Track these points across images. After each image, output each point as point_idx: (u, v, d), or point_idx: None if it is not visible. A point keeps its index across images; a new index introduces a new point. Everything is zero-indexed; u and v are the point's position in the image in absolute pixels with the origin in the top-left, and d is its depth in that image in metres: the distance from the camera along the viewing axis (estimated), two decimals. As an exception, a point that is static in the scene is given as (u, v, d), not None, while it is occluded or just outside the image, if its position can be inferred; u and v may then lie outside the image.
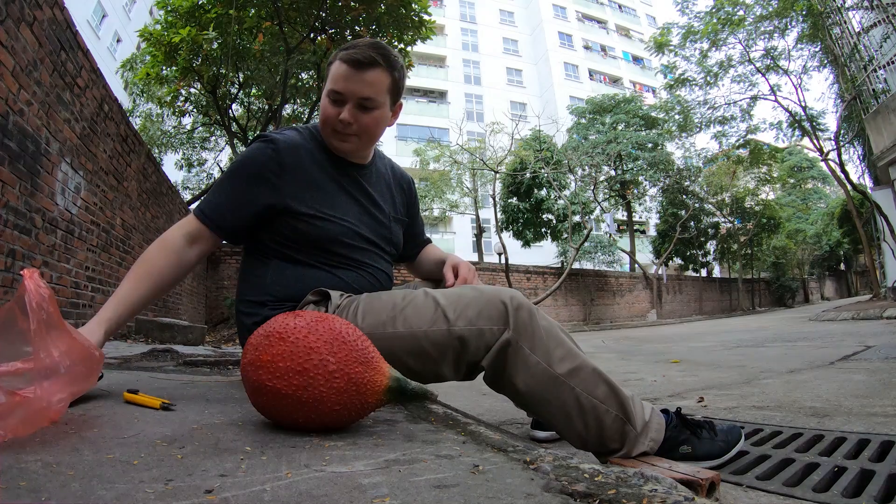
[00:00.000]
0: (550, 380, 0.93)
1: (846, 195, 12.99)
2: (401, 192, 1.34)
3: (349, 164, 1.18)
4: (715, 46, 13.32)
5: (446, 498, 0.50)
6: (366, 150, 1.20)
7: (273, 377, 0.73)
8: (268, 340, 0.76)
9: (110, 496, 0.47)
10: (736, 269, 22.80)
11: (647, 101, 20.92)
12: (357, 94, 1.07)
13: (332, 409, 0.74)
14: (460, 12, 31.56)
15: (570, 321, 14.37)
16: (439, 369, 0.99)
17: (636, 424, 0.92)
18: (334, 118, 1.09)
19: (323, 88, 1.13)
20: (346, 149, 1.14)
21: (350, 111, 1.08)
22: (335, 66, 1.08)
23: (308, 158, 1.12)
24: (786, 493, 0.86)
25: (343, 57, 1.07)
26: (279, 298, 1.10)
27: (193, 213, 1.10)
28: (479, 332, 0.94)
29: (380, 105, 1.11)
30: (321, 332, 0.75)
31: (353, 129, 1.10)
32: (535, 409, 0.97)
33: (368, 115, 1.10)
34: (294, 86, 8.90)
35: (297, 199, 1.09)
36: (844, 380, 2.13)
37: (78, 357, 0.72)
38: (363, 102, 1.08)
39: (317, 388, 0.72)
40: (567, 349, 0.95)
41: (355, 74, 1.06)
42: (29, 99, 2.47)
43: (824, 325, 7.10)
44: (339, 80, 1.07)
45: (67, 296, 3.05)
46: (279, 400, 0.74)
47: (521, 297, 0.97)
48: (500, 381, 0.97)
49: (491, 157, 14.37)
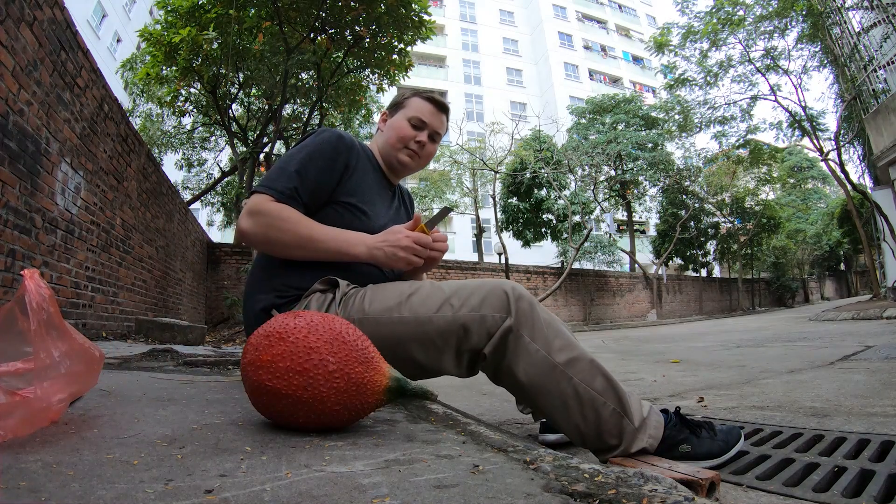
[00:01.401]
0: (550, 368, 0.95)
1: (846, 195, 12.99)
2: (405, 205, 1.53)
3: (388, 180, 1.38)
4: (715, 46, 13.32)
5: (446, 498, 0.50)
6: (412, 173, 1.42)
7: (273, 377, 0.73)
8: (268, 340, 0.76)
9: (110, 496, 0.47)
10: (736, 269, 22.81)
11: (647, 101, 20.92)
12: (434, 129, 1.33)
13: (332, 408, 0.74)
14: (460, 12, 31.56)
15: (570, 321, 14.37)
16: (442, 359, 1.01)
17: (634, 419, 0.93)
18: (412, 138, 1.31)
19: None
20: (408, 164, 1.34)
21: (426, 138, 1.32)
22: (419, 102, 1.32)
23: (364, 159, 1.29)
24: (786, 493, 0.86)
25: (427, 98, 1.33)
26: (290, 286, 1.13)
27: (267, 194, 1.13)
28: (482, 318, 0.98)
29: (439, 141, 1.38)
30: (321, 332, 0.75)
31: (423, 152, 1.33)
32: (535, 399, 0.98)
33: (433, 145, 1.36)
34: (294, 86, 8.90)
35: (354, 194, 1.22)
36: (844, 380, 2.13)
37: (78, 357, 0.72)
38: (434, 136, 1.35)
39: (317, 388, 0.72)
40: (566, 340, 0.98)
41: (436, 113, 1.33)
42: (29, 99, 2.47)
43: (824, 325, 7.10)
44: (425, 113, 1.31)
45: (67, 296, 3.05)
46: (279, 400, 0.74)
47: (521, 289, 1.01)
48: (500, 370, 1.00)
49: (491, 157, 14.37)
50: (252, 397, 0.79)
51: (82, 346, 0.74)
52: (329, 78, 8.25)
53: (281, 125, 9.35)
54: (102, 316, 3.63)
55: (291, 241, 1.09)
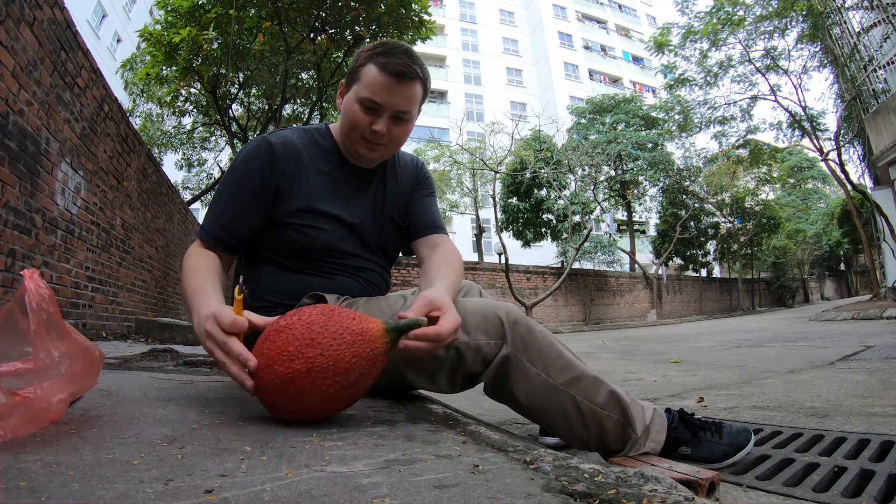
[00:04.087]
0: (551, 390, 0.93)
1: (846, 195, 12.99)
2: (408, 178, 1.25)
3: (353, 168, 1.13)
4: (715, 46, 13.33)
5: (446, 498, 0.50)
6: (380, 161, 1.15)
7: (289, 362, 0.75)
8: (267, 343, 0.78)
9: (110, 496, 0.47)
10: (736, 269, 22.80)
11: (647, 101, 20.93)
12: (395, 108, 1.02)
13: (351, 363, 0.77)
14: (460, 12, 31.57)
15: (570, 321, 14.37)
16: (435, 379, 0.99)
17: (637, 428, 0.93)
18: (366, 127, 1.03)
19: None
20: (372, 157, 1.10)
21: (385, 122, 1.03)
22: (372, 73, 1.00)
23: (305, 162, 1.08)
24: (786, 493, 0.86)
25: (383, 65, 0.99)
26: (273, 303, 1.09)
27: (198, 236, 1.08)
28: (477, 346, 0.93)
29: (413, 117, 1.08)
30: (307, 313, 0.80)
31: (384, 140, 1.05)
32: (537, 418, 0.98)
33: (401, 127, 1.06)
34: (294, 86, 8.91)
35: (290, 208, 1.06)
36: (844, 380, 2.13)
37: (78, 357, 0.72)
38: (399, 115, 1.04)
39: (331, 349, 0.76)
40: (567, 360, 0.95)
41: (395, 87, 1.00)
42: (29, 99, 2.47)
43: (824, 325, 7.10)
44: (377, 90, 1.00)
45: (67, 296, 3.05)
46: (304, 380, 0.76)
47: (516, 312, 0.96)
48: (500, 393, 0.98)
49: (491, 157, 14.37)
50: (277, 401, 0.79)
51: (82, 346, 0.74)
52: (329, 78, 8.26)
53: (281, 125, 9.34)
54: (102, 316, 3.63)
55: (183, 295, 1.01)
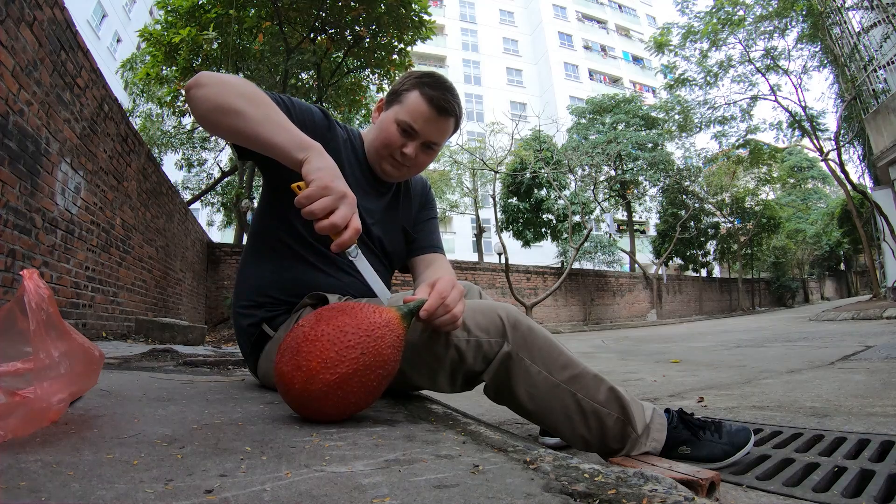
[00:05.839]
0: (552, 387, 0.93)
1: (846, 195, 12.99)
2: (417, 197, 1.33)
3: (374, 175, 1.19)
4: (715, 46, 13.33)
5: (446, 498, 0.50)
6: (399, 181, 1.22)
7: (332, 369, 0.76)
8: (300, 356, 0.77)
9: (110, 496, 0.47)
10: (736, 269, 22.80)
11: (647, 101, 20.94)
12: (429, 137, 1.09)
13: (387, 355, 0.79)
14: (460, 12, 31.58)
15: (570, 321, 14.37)
16: (436, 379, 0.99)
17: (637, 427, 0.93)
18: (398, 148, 1.09)
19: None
20: (394, 176, 1.15)
21: (415, 148, 1.09)
22: (417, 100, 1.06)
23: (341, 146, 1.13)
24: (786, 493, 0.86)
25: (429, 98, 1.06)
26: (276, 300, 1.10)
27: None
28: (477, 343, 0.94)
29: (440, 148, 1.14)
30: (332, 318, 0.80)
31: (410, 163, 1.12)
32: (539, 417, 0.97)
33: (428, 155, 1.13)
34: (294, 86, 8.90)
35: None
36: (844, 380, 2.13)
37: (78, 357, 0.72)
38: (430, 144, 1.11)
39: (369, 347, 0.78)
40: (567, 358, 0.95)
41: (435, 119, 1.07)
42: (29, 99, 2.47)
43: (824, 325, 7.10)
44: (418, 118, 1.07)
45: (67, 296, 3.05)
46: (351, 382, 0.77)
47: (516, 312, 0.97)
48: (502, 393, 0.98)
49: (491, 157, 14.37)
50: (324, 407, 0.79)
51: (82, 346, 0.74)
52: (329, 78, 8.26)
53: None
54: (102, 316, 3.63)
55: (247, 95, 0.88)
